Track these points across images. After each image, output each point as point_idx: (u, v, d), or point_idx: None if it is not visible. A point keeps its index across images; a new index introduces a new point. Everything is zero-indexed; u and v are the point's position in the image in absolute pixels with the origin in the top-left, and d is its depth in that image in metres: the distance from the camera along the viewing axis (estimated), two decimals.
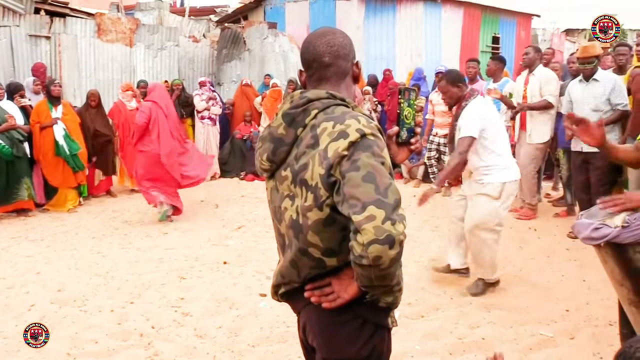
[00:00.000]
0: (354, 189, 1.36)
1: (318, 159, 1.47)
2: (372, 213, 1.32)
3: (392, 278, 1.43)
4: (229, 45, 11.13)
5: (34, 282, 4.44)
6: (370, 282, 1.41)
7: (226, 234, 5.85)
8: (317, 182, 1.47)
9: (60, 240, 5.66)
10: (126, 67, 9.42)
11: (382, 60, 12.26)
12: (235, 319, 3.71)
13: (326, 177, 1.45)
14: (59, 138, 6.71)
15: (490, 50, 14.61)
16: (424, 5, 13.04)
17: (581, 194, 5.36)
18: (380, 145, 1.46)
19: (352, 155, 1.42)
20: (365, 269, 1.36)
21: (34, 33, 8.39)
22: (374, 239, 1.30)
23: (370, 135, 1.45)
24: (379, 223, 1.31)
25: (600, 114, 5.11)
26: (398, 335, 3.29)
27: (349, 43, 1.66)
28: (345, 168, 1.41)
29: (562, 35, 18.47)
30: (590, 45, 5.12)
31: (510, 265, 4.65)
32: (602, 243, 2.27)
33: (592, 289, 4.07)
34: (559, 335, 3.36)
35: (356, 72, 1.69)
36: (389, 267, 1.34)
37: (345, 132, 1.45)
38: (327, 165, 1.44)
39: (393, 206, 1.35)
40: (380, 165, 1.41)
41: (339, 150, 1.43)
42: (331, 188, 1.45)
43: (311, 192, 1.49)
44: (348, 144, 1.43)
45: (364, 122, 1.48)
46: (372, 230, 1.31)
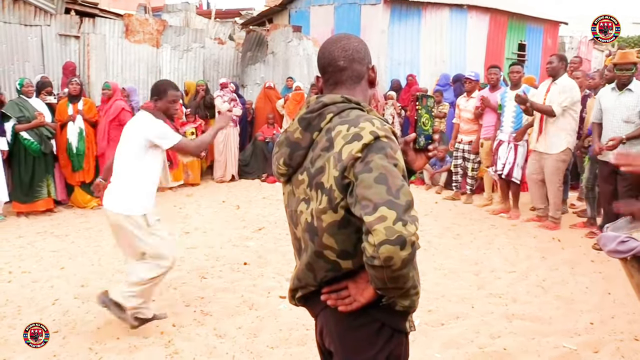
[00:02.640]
0: (366, 190, 1.37)
1: (333, 162, 1.48)
2: (383, 214, 1.32)
3: (406, 280, 1.42)
4: (253, 48, 11.20)
5: (58, 277, 4.52)
6: (384, 284, 1.41)
7: (247, 235, 5.88)
8: (332, 185, 1.48)
9: (84, 237, 5.76)
10: (152, 67, 9.54)
11: (406, 65, 12.21)
12: (255, 320, 3.72)
13: (340, 179, 1.46)
14: (70, 136, 6.85)
15: (516, 57, 14.46)
16: (450, 10, 12.95)
17: (607, 205, 5.25)
18: (393, 148, 1.46)
19: (366, 157, 1.42)
20: (377, 270, 1.36)
21: (64, 32, 8.54)
22: (385, 239, 1.31)
23: (383, 137, 1.46)
24: (390, 224, 1.31)
25: (632, 126, 4.99)
26: (418, 343, 3.27)
27: (364, 48, 1.68)
28: (359, 170, 1.42)
29: (589, 43, 18.18)
30: (628, 52, 5.00)
31: (533, 276, 4.59)
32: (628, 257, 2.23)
33: (617, 302, 3.98)
34: (582, 348, 3.29)
35: (372, 77, 1.70)
36: (400, 268, 1.34)
37: (359, 135, 1.46)
38: (341, 168, 1.45)
39: (405, 207, 1.35)
40: (392, 167, 1.41)
41: (353, 153, 1.44)
42: (345, 190, 1.46)
43: (326, 195, 1.49)
44: (362, 146, 1.44)
45: (377, 124, 1.48)
46: (383, 231, 1.31)
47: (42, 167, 6.61)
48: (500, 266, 4.84)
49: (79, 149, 6.90)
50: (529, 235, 5.81)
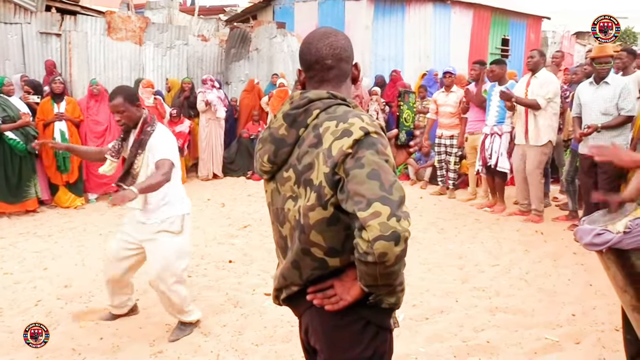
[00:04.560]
0: (359, 186, 1.37)
1: (322, 158, 1.47)
2: (377, 210, 1.32)
3: (397, 277, 1.43)
4: (237, 45, 11.15)
5: (41, 278, 4.47)
6: (375, 281, 1.40)
7: (232, 233, 5.86)
8: (322, 181, 1.47)
9: (67, 237, 5.70)
10: (135, 65, 9.46)
11: (390, 61, 12.24)
12: (240, 317, 3.72)
13: (331, 175, 1.45)
14: (57, 136, 6.76)
15: (499, 52, 14.56)
16: (434, 6, 13.00)
17: (588, 198, 5.32)
18: (384, 143, 1.46)
19: (357, 153, 1.42)
20: (370, 266, 1.35)
21: (45, 30, 8.43)
22: (379, 235, 1.30)
23: (374, 133, 1.45)
24: (384, 219, 1.31)
25: (609, 117, 5.09)
26: (402, 337, 3.29)
27: (350, 45, 1.67)
28: (350, 166, 1.41)
29: (572, 38, 18.36)
30: (606, 46, 5.07)
31: (516, 269, 4.63)
32: (604, 249, 2.25)
33: (599, 293, 4.04)
34: (564, 339, 3.34)
35: (355, 74, 1.70)
36: (394, 264, 1.34)
37: (349, 131, 1.45)
38: (331, 164, 1.44)
39: (398, 203, 1.35)
40: (384, 162, 1.41)
41: (344, 149, 1.43)
42: (336, 186, 1.45)
43: (315, 192, 1.48)
44: (352, 142, 1.43)
45: (367, 120, 1.48)
46: (377, 227, 1.31)
47: (29, 167, 6.53)
48: (484, 260, 4.88)
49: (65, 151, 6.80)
50: (512, 229, 5.86)
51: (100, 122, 7.37)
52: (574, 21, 21.03)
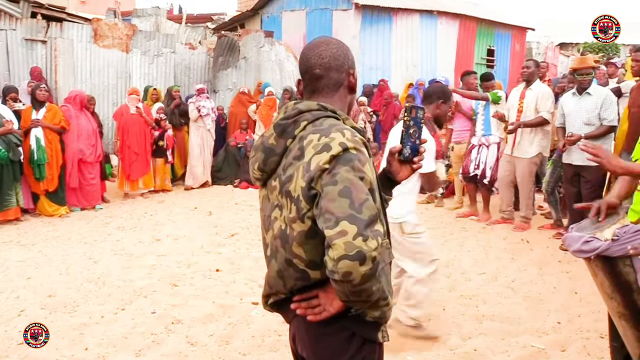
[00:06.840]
0: (330, 203, 1.36)
1: (301, 172, 1.47)
2: (344, 228, 1.31)
3: (370, 294, 1.40)
4: (225, 53, 11.15)
5: (24, 288, 4.40)
6: (347, 297, 1.41)
7: (219, 242, 5.83)
8: (299, 195, 1.46)
9: (52, 246, 5.63)
10: (122, 72, 9.42)
11: (377, 71, 12.33)
12: (227, 326, 3.69)
13: (307, 189, 1.44)
14: (32, 143, 6.65)
15: (485, 62, 14.73)
16: (420, 16, 13.14)
17: (572, 206, 5.38)
18: (361, 160, 1.44)
19: (333, 169, 1.41)
20: (338, 284, 1.36)
21: (30, 37, 8.38)
22: (344, 254, 1.30)
23: (352, 149, 1.44)
24: (349, 239, 1.30)
25: (592, 127, 5.17)
26: (390, 346, 3.28)
27: (343, 54, 1.65)
28: (325, 182, 1.40)
29: (556, 49, 18.66)
30: (586, 57, 5.18)
31: (502, 277, 4.66)
32: (592, 256, 2.27)
33: (584, 301, 4.08)
34: (550, 347, 3.36)
35: (352, 82, 1.67)
36: (361, 283, 1.33)
37: (328, 145, 1.44)
38: (308, 178, 1.44)
39: (367, 222, 1.33)
40: (358, 180, 1.40)
41: (321, 164, 1.42)
42: (312, 201, 1.44)
43: (294, 204, 1.48)
44: (330, 158, 1.42)
45: (348, 135, 1.46)
46: (342, 246, 1.30)
47: (11, 175, 6.41)
48: (470, 268, 4.91)
49: (40, 159, 6.67)
50: (498, 237, 5.91)
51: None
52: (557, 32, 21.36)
